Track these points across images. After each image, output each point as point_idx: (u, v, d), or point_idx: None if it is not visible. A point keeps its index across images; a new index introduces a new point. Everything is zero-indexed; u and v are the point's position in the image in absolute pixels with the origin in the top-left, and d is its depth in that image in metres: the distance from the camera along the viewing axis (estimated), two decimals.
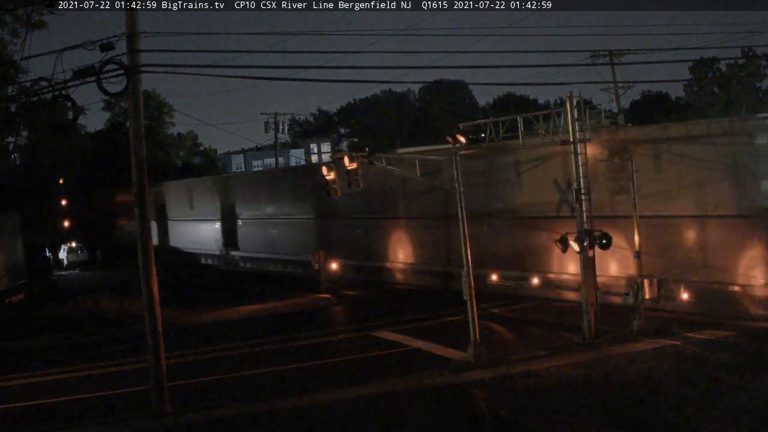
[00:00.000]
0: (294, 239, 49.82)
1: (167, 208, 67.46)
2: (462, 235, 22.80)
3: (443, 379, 21.14)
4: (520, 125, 36.16)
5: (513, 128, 36.32)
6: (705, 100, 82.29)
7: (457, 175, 23.12)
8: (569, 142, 24.76)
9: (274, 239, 52.69)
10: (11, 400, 22.19)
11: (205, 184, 65.16)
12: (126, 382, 23.16)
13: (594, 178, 25.85)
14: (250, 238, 55.33)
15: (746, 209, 25.89)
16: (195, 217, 63.01)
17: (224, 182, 64.08)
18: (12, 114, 47.65)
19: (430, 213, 38.42)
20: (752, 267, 25.46)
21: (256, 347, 27.55)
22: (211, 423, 18.85)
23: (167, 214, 67.41)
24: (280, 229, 52.06)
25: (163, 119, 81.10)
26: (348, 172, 23.35)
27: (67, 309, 37.37)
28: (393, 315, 31.73)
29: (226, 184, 62.48)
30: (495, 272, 33.05)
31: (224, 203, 58.37)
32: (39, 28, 40.06)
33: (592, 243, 23.99)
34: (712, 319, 25.33)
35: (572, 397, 18.64)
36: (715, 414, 16.71)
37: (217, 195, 59.84)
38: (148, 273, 19.58)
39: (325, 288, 39.93)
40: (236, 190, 58.73)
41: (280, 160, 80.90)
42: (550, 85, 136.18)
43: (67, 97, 19.28)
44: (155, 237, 66.66)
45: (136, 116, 19.60)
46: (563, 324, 26.79)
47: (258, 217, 54.83)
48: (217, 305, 37.78)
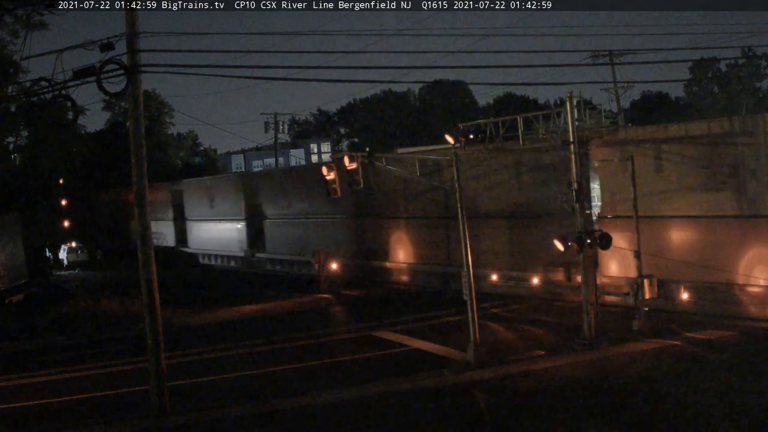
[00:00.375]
0: (327, 239, 47.43)
1: (185, 207, 66.27)
2: (462, 235, 22.79)
3: (443, 380, 21.14)
4: (520, 125, 36.20)
5: (513, 128, 36.42)
6: (705, 100, 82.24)
7: (457, 175, 23.12)
8: (569, 143, 24.76)
9: (305, 239, 50.44)
10: (11, 400, 22.17)
11: (229, 182, 63.76)
12: (126, 382, 23.16)
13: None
14: (277, 240, 53.73)
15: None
16: (216, 216, 61.39)
17: (251, 179, 62.43)
18: (12, 114, 47.68)
19: (501, 212, 35.92)
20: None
21: (256, 347, 27.55)
22: (211, 423, 18.85)
23: (186, 214, 66.31)
24: (311, 228, 50.05)
25: (163, 119, 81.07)
26: (362, 171, 23.22)
27: (67, 309, 37.39)
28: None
29: (253, 181, 60.73)
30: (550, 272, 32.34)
31: (250, 202, 56.85)
32: (39, 28, 40.10)
33: (593, 243, 24.01)
34: (712, 319, 25.37)
35: (572, 397, 18.65)
36: (715, 414, 16.72)
37: (242, 193, 58.27)
38: (148, 273, 19.59)
39: (325, 288, 39.98)
40: (263, 188, 57.00)
41: (280, 160, 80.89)
42: (550, 85, 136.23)
43: (67, 97, 19.25)
44: (172, 239, 66.15)
45: (136, 116, 19.60)
46: (563, 324, 26.80)
47: (286, 216, 52.72)
48: (217, 305, 37.79)
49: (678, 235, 28.10)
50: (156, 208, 63.30)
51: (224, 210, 60.25)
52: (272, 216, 54.58)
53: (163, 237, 66.64)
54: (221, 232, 60.62)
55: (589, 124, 32.02)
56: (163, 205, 67.52)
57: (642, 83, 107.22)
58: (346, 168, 23.51)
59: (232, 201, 59.29)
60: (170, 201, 67.84)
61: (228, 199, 60.02)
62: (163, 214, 67.63)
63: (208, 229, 63.06)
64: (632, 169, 25.65)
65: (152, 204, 58.07)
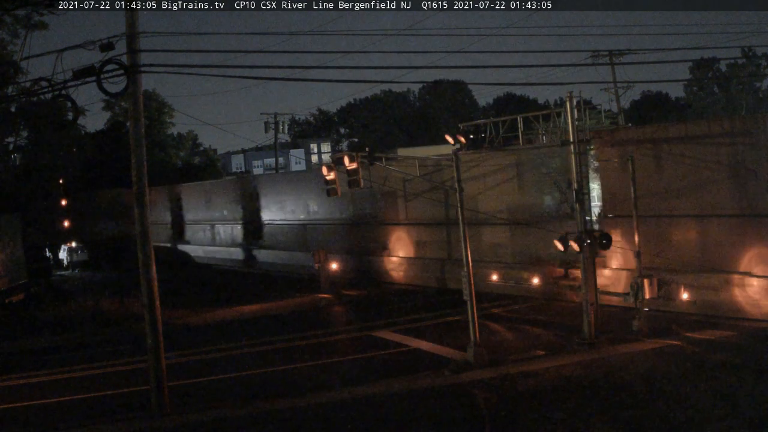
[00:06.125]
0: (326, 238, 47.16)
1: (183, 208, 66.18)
2: (462, 234, 22.80)
3: (443, 379, 21.14)
4: (520, 125, 36.25)
5: (513, 128, 36.45)
6: (705, 100, 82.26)
7: (458, 175, 23.13)
8: (569, 142, 24.76)
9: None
10: (11, 400, 22.18)
11: (227, 185, 63.33)
12: (126, 382, 23.16)
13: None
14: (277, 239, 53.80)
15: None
16: (216, 217, 61.27)
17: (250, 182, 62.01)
18: (12, 114, 47.65)
19: (501, 212, 35.03)
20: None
21: (256, 347, 27.55)
22: (211, 423, 18.86)
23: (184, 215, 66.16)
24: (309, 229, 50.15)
25: (163, 119, 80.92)
26: (352, 173, 23.26)
27: (67, 309, 37.35)
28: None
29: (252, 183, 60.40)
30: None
31: (248, 203, 57.04)
32: (39, 29, 40.05)
33: (593, 243, 24.01)
34: (712, 319, 25.37)
35: (572, 398, 18.65)
36: (715, 414, 16.72)
37: (240, 196, 58.36)
38: (148, 273, 19.60)
39: (325, 287, 39.95)
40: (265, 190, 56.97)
41: (280, 160, 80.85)
42: (550, 85, 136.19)
43: (67, 97, 19.27)
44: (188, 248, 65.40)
45: (136, 116, 19.60)
46: (563, 324, 26.79)
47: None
48: (217, 305, 37.77)
49: (678, 234, 28.10)
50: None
51: (225, 211, 60.41)
52: (271, 217, 54.85)
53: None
54: (222, 232, 60.76)
55: (589, 124, 32.04)
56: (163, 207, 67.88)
57: (642, 83, 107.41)
58: (346, 168, 23.51)
59: (232, 203, 59.48)
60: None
61: (229, 201, 60.17)
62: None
63: (209, 229, 63.16)
64: (632, 169, 25.63)
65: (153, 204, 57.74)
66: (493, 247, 35.03)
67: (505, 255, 34.60)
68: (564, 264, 31.05)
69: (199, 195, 65.11)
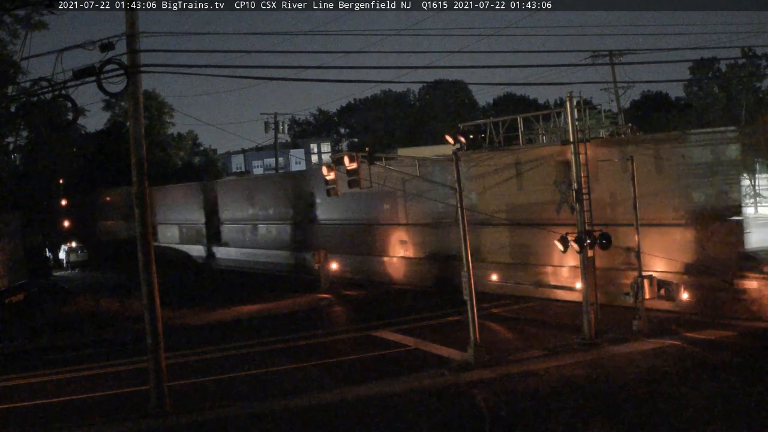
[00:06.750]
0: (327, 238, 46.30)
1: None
2: (462, 235, 22.78)
3: (443, 379, 21.14)
4: (520, 125, 36.25)
5: (513, 128, 36.45)
6: (705, 100, 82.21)
7: (458, 175, 23.11)
8: (569, 142, 24.76)
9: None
10: (11, 400, 22.19)
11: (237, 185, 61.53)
12: (126, 382, 23.17)
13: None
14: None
15: None
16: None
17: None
18: (12, 114, 47.61)
19: (501, 212, 34.49)
20: None
21: (256, 347, 27.55)
22: (210, 423, 18.86)
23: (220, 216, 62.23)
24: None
25: (163, 119, 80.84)
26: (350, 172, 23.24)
27: (67, 309, 37.32)
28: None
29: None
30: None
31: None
32: (39, 29, 40.00)
33: (593, 243, 24.01)
34: (712, 319, 25.37)
35: (572, 397, 18.65)
36: (715, 414, 16.73)
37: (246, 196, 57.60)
38: (148, 273, 19.59)
39: (325, 287, 39.97)
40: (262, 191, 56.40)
41: (280, 161, 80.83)
42: (550, 85, 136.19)
43: (67, 97, 19.28)
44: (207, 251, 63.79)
45: (136, 116, 19.61)
46: (563, 324, 26.79)
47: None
48: (217, 305, 37.77)
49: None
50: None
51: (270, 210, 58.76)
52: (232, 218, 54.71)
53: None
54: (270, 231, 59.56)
55: (589, 124, 32.04)
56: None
57: (642, 83, 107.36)
58: (347, 168, 23.49)
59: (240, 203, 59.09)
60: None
61: (237, 200, 59.64)
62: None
63: (250, 230, 62.21)
64: (632, 169, 25.62)
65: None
66: (493, 247, 35.00)
67: (505, 255, 34.58)
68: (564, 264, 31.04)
69: (241, 192, 60.58)
